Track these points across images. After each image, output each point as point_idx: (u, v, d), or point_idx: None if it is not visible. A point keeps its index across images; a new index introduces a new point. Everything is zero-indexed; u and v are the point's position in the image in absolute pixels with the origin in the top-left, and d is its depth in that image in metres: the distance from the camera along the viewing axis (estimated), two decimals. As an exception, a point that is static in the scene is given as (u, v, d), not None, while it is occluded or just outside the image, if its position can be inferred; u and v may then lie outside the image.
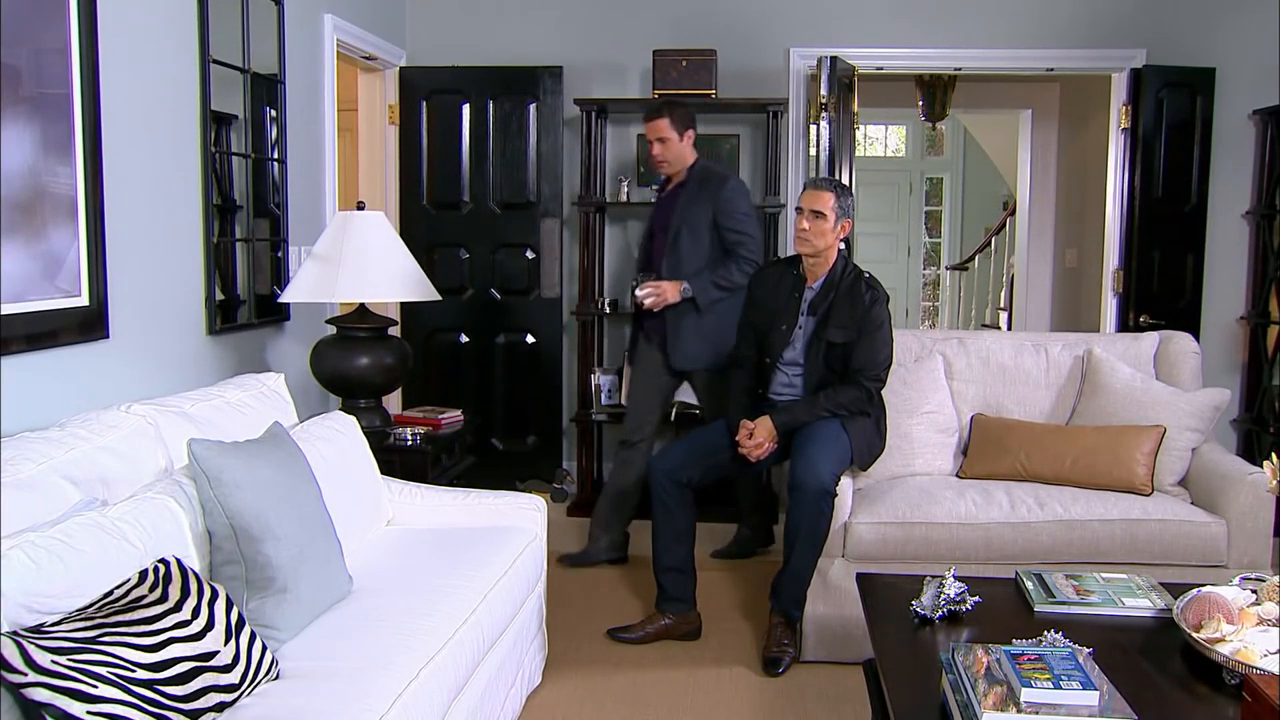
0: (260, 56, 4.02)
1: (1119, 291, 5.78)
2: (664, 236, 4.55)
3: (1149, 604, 2.81)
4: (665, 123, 4.44)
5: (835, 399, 3.81)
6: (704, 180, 4.51)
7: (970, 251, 10.87)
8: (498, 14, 5.76)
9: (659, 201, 4.74)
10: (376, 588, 2.91)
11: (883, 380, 3.89)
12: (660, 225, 4.61)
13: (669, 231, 4.52)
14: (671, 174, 4.60)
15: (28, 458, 2.38)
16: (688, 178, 4.55)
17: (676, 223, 4.51)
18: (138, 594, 2.17)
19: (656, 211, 4.71)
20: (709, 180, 4.52)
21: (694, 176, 4.53)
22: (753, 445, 3.82)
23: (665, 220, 4.57)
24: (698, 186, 4.51)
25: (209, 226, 3.68)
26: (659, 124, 4.45)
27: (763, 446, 3.83)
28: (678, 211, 4.51)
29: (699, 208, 4.47)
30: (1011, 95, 7.93)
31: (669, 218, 4.55)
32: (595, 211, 5.62)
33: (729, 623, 4.13)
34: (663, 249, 4.55)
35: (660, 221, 4.62)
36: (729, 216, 4.48)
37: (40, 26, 2.81)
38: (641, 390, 4.73)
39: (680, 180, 4.58)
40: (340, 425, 3.46)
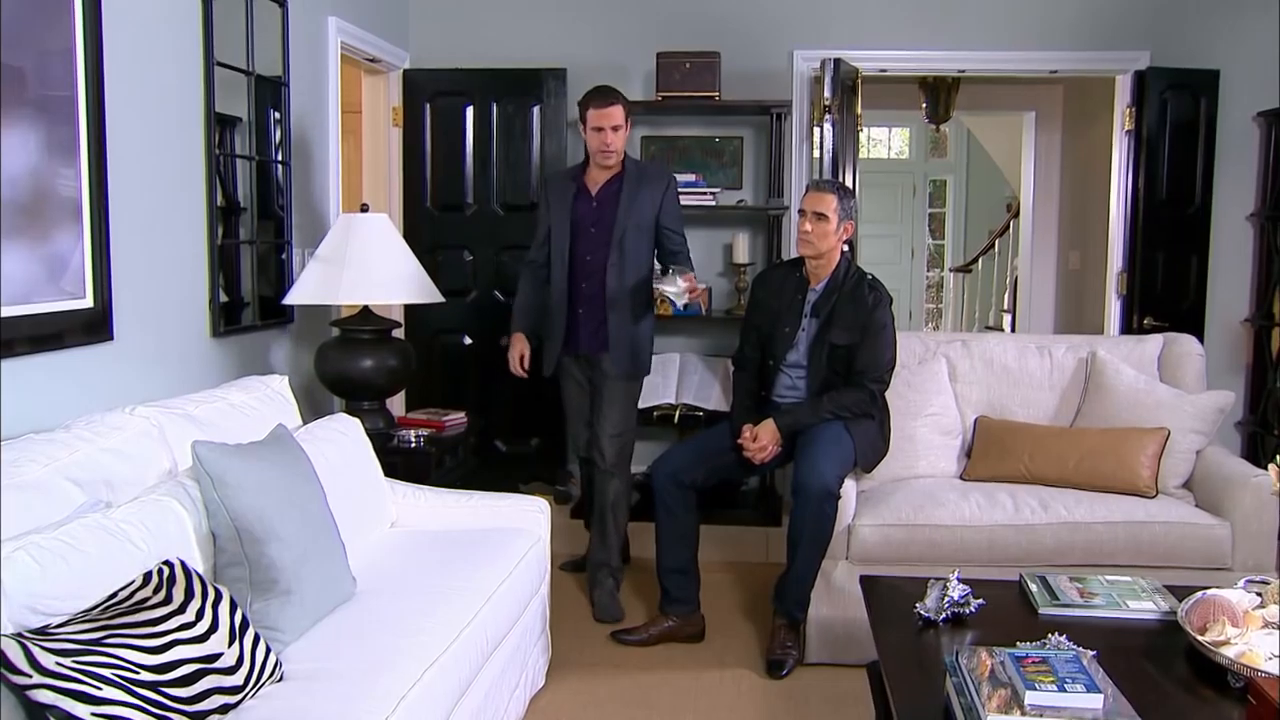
0: (264, 59, 4.02)
1: (1123, 293, 5.77)
2: (600, 235, 4.15)
3: (1153, 607, 2.81)
4: (620, 109, 4.08)
5: (839, 401, 3.81)
6: (642, 175, 4.21)
7: (974, 253, 10.87)
8: (501, 16, 5.76)
9: (584, 197, 4.21)
10: (380, 589, 2.91)
11: (886, 382, 3.90)
12: (591, 223, 4.17)
13: (614, 229, 4.12)
14: (610, 166, 4.16)
15: (33, 459, 2.38)
16: (624, 171, 4.18)
17: (623, 220, 4.12)
18: (142, 596, 2.17)
19: (580, 208, 4.20)
20: (648, 175, 4.24)
21: (630, 171, 4.18)
22: (756, 449, 3.82)
23: (600, 217, 4.16)
24: (637, 182, 4.16)
25: (213, 228, 3.68)
26: (615, 110, 4.07)
27: (766, 450, 3.83)
28: (622, 208, 4.13)
29: (644, 205, 4.14)
30: (1015, 97, 7.93)
31: (607, 214, 4.15)
32: (599, 213, 5.61)
33: (732, 625, 4.13)
34: (598, 248, 4.15)
35: (591, 219, 4.18)
36: (674, 218, 4.24)
37: (45, 29, 2.81)
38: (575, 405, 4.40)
39: (615, 174, 4.19)
40: (344, 427, 3.46)
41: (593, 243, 4.18)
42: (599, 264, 4.17)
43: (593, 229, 4.18)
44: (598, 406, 4.25)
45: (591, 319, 4.22)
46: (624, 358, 4.20)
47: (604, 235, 4.16)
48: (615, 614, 4.16)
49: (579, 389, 4.36)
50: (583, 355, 4.28)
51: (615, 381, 4.23)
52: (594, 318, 4.21)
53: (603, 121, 4.07)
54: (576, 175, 4.27)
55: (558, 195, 4.25)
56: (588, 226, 4.19)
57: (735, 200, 5.69)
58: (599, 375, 4.26)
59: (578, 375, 4.34)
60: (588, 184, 4.22)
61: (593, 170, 4.21)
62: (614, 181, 4.18)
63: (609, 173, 4.18)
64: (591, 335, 4.24)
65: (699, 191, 5.48)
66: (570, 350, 4.29)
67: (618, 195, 4.15)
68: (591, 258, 4.19)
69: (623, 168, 4.18)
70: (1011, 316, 8.87)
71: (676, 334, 5.83)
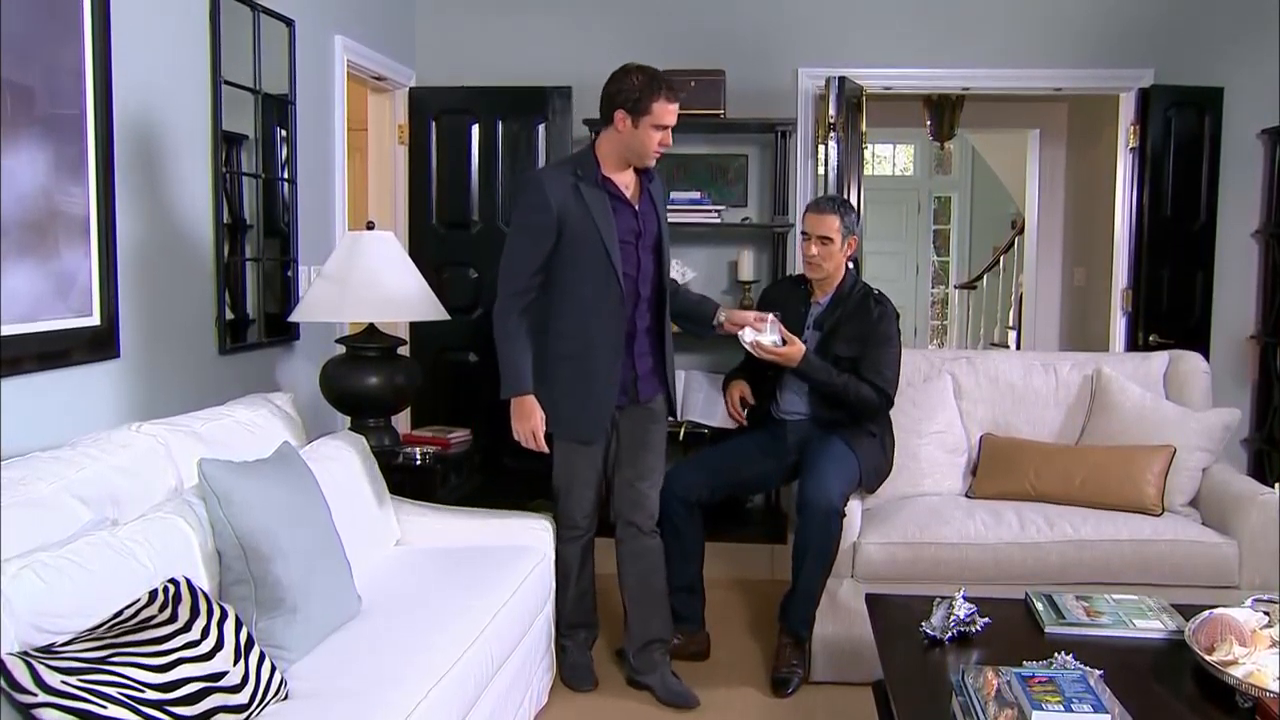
0: (271, 77, 4.04)
1: (1128, 310, 5.76)
2: (647, 251, 3.52)
3: (1160, 626, 2.80)
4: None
5: (857, 387, 3.79)
6: (653, 175, 3.62)
7: (978, 270, 10.87)
8: (507, 35, 5.78)
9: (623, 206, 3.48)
10: (385, 608, 2.91)
11: (892, 390, 3.87)
12: (636, 237, 3.49)
13: (661, 243, 3.57)
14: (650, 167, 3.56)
15: (39, 477, 2.39)
16: (646, 172, 3.57)
17: (657, 230, 3.56)
18: (147, 614, 2.17)
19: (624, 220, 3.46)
20: (655, 179, 3.63)
21: (649, 172, 3.58)
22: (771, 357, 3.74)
23: (645, 229, 3.52)
24: (656, 187, 3.62)
25: (219, 246, 3.69)
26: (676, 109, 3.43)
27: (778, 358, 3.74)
28: (658, 216, 3.57)
29: (663, 210, 3.64)
30: (1019, 115, 7.94)
31: (649, 225, 3.54)
32: (604, 231, 5.62)
33: (737, 642, 4.12)
34: (647, 268, 3.53)
35: (635, 232, 3.49)
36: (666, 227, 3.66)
37: (55, 48, 2.83)
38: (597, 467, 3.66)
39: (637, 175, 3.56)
40: (349, 445, 3.47)
41: (642, 262, 3.51)
42: (654, 288, 3.57)
43: (640, 245, 3.50)
44: (637, 459, 3.63)
45: (648, 357, 3.59)
46: (674, 394, 3.74)
47: (653, 251, 3.54)
48: (689, 697, 3.61)
49: (603, 448, 3.64)
50: (624, 407, 3.60)
51: (660, 427, 3.71)
52: (650, 355, 3.60)
53: (671, 119, 3.40)
54: (596, 177, 3.42)
55: (583, 203, 3.38)
56: (635, 242, 3.49)
57: (740, 218, 5.70)
58: (642, 423, 3.65)
59: (609, 431, 3.63)
60: (620, 187, 3.47)
61: (618, 170, 3.47)
62: (644, 187, 3.56)
63: (629, 175, 3.51)
64: (649, 376, 3.62)
65: (704, 209, 5.49)
66: (622, 404, 3.57)
67: (652, 203, 3.56)
68: (643, 281, 3.52)
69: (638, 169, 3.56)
70: (1016, 333, 8.87)
71: (680, 351, 5.80)
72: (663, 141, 3.39)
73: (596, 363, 3.44)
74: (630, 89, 3.32)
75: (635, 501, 3.62)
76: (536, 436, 3.47)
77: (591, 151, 3.46)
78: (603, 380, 3.46)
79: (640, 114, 3.32)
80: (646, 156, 3.43)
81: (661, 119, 3.35)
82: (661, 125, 3.36)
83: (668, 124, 3.37)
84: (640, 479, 3.62)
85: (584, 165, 3.44)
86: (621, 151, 3.42)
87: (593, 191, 3.39)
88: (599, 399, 3.47)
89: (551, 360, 3.45)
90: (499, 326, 3.45)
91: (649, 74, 3.34)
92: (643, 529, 3.63)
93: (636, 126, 3.35)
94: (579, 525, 3.66)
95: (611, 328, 3.43)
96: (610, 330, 3.43)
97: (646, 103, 3.31)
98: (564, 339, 3.44)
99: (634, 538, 3.63)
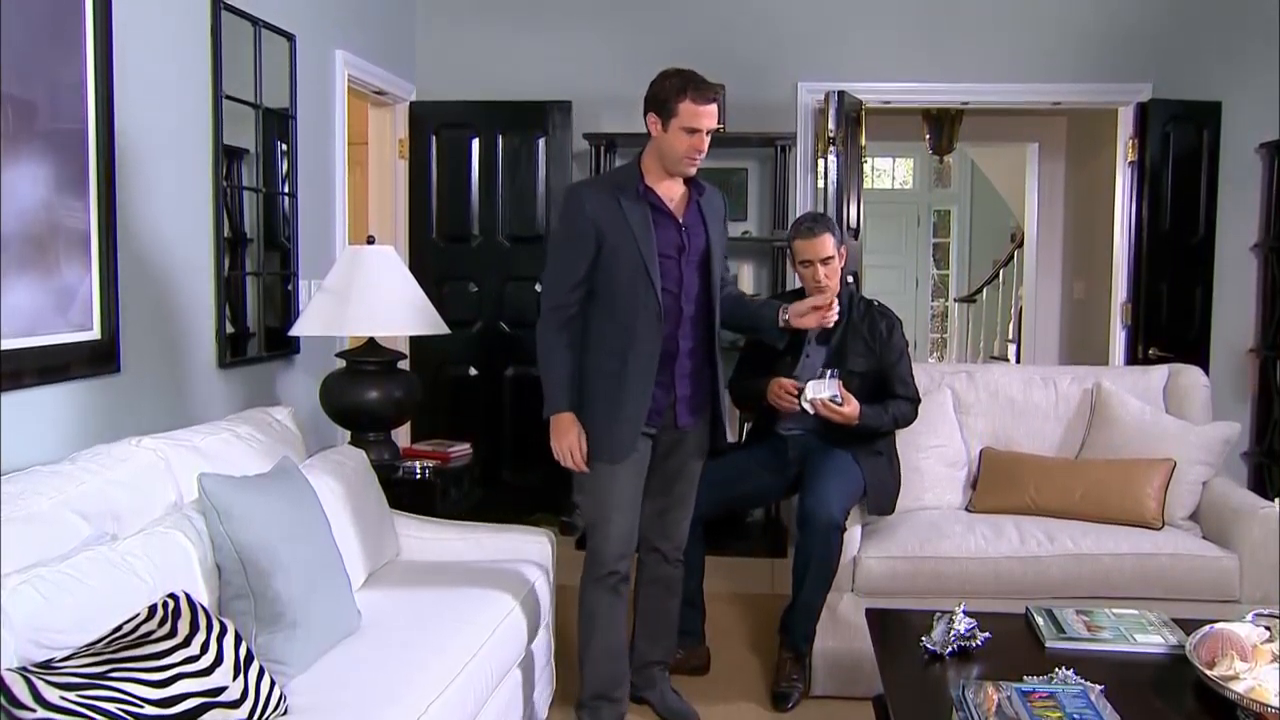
0: (272, 91, 4.06)
1: (1128, 323, 5.77)
2: (693, 267, 3.29)
3: (1161, 640, 2.79)
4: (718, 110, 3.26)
5: (900, 409, 3.85)
6: (709, 192, 3.39)
7: (978, 283, 10.89)
8: (507, 49, 5.80)
9: (665, 218, 3.25)
10: (385, 622, 2.90)
11: (919, 399, 3.93)
12: (679, 251, 3.26)
13: (711, 259, 3.31)
14: (690, 175, 3.30)
15: (39, 491, 2.39)
16: (696, 185, 3.33)
17: (706, 245, 3.31)
18: (146, 629, 2.16)
19: (665, 233, 3.24)
20: (711, 192, 3.41)
21: (700, 185, 3.35)
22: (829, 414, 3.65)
23: (690, 243, 3.28)
24: (709, 200, 3.37)
25: (220, 260, 3.70)
26: (716, 109, 3.22)
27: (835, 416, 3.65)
28: (712, 229, 3.33)
29: (717, 228, 3.37)
30: (1018, 129, 7.96)
31: (697, 239, 3.30)
32: (604, 244, 5.63)
33: (737, 657, 4.11)
34: (693, 285, 3.28)
35: (678, 246, 3.26)
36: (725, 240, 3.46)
37: (57, 63, 2.84)
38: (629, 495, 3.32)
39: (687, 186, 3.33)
40: (349, 459, 3.46)
41: (685, 277, 3.27)
42: (700, 307, 3.31)
43: (684, 260, 3.27)
44: (671, 488, 3.44)
45: (688, 380, 3.34)
46: (724, 427, 3.48)
47: (699, 267, 3.30)
48: (689, 713, 3.54)
49: (638, 475, 3.34)
50: (660, 432, 3.35)
51: (697, 461, 3.48)
52: (691, 378, 3.34)
53: (703, 121, 3.16)
54: (639, 188, 3.22)
55: (621, 215, 3.19)
56: (678, 257, 3.26)
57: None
58: (679, 453, 3.42)
59: (641, 451, 3.31)
60: (663, 199, 3.26)
61: (663, 180, 3.27)
62: (693, 198, 3.32)
63: (676, 185, 3.30)
64: (689, 401, 3.35)
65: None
66: (656, 426, 3.32)
67: (701, 216, 3.31)
68: (686, 298, 3.28)
69: (690, 179, 3.33)
70: (1016, 346, 8.88)
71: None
72: (695, 146, 3.16)
73: (630, 380, 3.21)
74: (660, 91, 3.18)
75: (663, 531, 3.48)
76: (574, 455, 3.24)
77: (637, 162, 3.29)
78: (635, 398, 3.22)
79: (668, 116, 3.15)
80: (678, 162, 3.20)
81: (689, 121, 3.13)
82: (691, 128, 3.14)
83: (698, 127, 3.14)
84: (671, 509, 3.46)
85: (626, 176, 3.28)
86: (659, 159, 3.23)
87: (632, 203, 3.20)
88: (630, 417, 3.23)
89: (591, 377, 3.25)
90: (539, 342, 3.28)
91: (681, 75, 3.19)
92: (668, 557, 3.51)
93: (666, 130, 3.17)
94: (607, 563, 3.30)
95: (647, 344, 3.21)
96: (645, 347, 3.21)
97: (674, 104, 3.14)
98: (602, 355, 3.24)
99: (657, 564, 3.51)
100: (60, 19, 2.85)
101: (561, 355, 3.23)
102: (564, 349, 3.23)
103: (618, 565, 3.30)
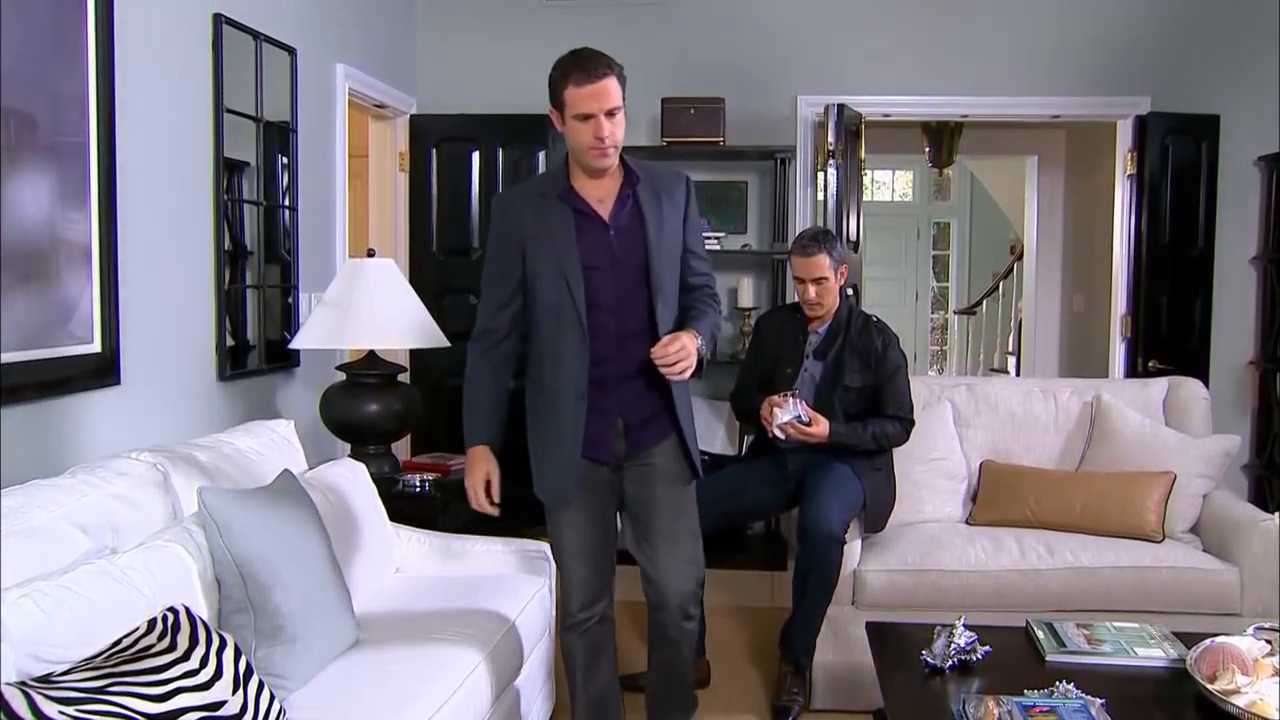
0: (273, 105, 4.06)
1: (1127, 336, 5.78)
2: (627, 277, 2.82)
3: (1162, 654, 2.79)
4: (615, 83, 2.72)
5: (882, 429, 3.82)
6: (654, 179, 2.88)
7: (978, 296, 10.90)
8: (507, 62, 5.81)
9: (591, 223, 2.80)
10: (385, 636, 2.89)
11: (912, 420, 3.90)
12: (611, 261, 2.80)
13: (651, 268, 2.81)
14: (605, 170, 2.81)
15: (39, 505, 2.38)
16: (629, 176, 2.84)
17: (656, 252, 2.82)
18: (146, 643, 2.16)
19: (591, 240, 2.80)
20: (660, 178, 2.90)
21: (638, 175, 2.84)
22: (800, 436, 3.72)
23: (624, 250, 2.81)
24: (653, 191, 2.85)
25: (220, 273, 3.70)
26: (608, 85, 2.70)
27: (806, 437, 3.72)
28: (652, 233, 2.81)
29: (671, 224, 2.87)
30: (1017, 141, 7.98)
31: (633, 245, 2.81)
32: (604, 257, 5.63)
33: (737, 671, 4.10)
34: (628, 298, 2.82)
35: (608, 255, 2.80)
36: (698, 237, 3.02)
37: (60, 76, 2.85)
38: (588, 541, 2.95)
39: (617, 182, 2.85)
40: (349, 472, 3.46)
41: (621, 291, 2.82)
42: (643, 321, 2.84)
43: (614, 270, 2.81)
44: (650, 531, 2.93)
45: (642, 404, 2.88)
46: (692, 446, 2.96)
47: (633, 277, 2.82)
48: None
49: (597, 518, 2.95)
50: (620, 465, 2.93)
51: (672, 485, 2.94)
52: (645, 401, 2.88)
53: (592, 104, 2.68)
54: (562, 191, 2.81)
55: (539, 223, 2.81)
56: (606, 267, 2.81)
57: (740, 244, 5.72)
58: (645, 484, 2.93)
59: (595, 487, 2.92)
60: (588, 201, 2.82)
61: (583, 181, 2.82)
62: (624, 194, 2.83)
63: (607, 181, 2.83)
64: (646, 426, 2.91)
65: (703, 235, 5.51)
66: (606, 460, 2.91)
67: (639, 214, 2.82)
68: (625, 314, 2.83)
69: (625, 170, 2.84)
70: (1016, 358, 8.88)
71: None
72: (595, 134, 2.68)
73: (560, 415, 2.84)
74: (550, 83, 2.76)
75: (653, 577, 2.93)
76: (477, 495, 2.89)
77: (566, 159, 2.87)
78: (567, 437, 2.84)
79: (561, 108, 2.74)
80: (584, 155, 2.74)
81: (577, 106, 2.68)
82: (583, 114, 2.68)
83: (589, 111, 2.67)
84: (656, 550, 2.92)
85: (554, 178, 2.88)
86: (575, 155, 2.81)
87: (554, 207, 2.80)
88: (562, 459, 2.86)
89: (528, 410, 2.95)
90: (466, 368, 2.98)
91: (566, 59, 2.76)
92: (665, 612, 2.94)
93: (565, 123, 2.75)
94: (572, 610, 2.99)
95: (573, 372, 2.81)
96: (571, 376, 2.81)
97: (561, 93, 2.72)
98: (533, 384, 2.92)
99: (657, 623, 2.99)
100: (62, 32, 2.86)
101: (481, 383, 2.95)
102: (485, 376, 2.94)
103: (584, 614, 2.98)
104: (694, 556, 2.96)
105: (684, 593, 2.93)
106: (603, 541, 2.96)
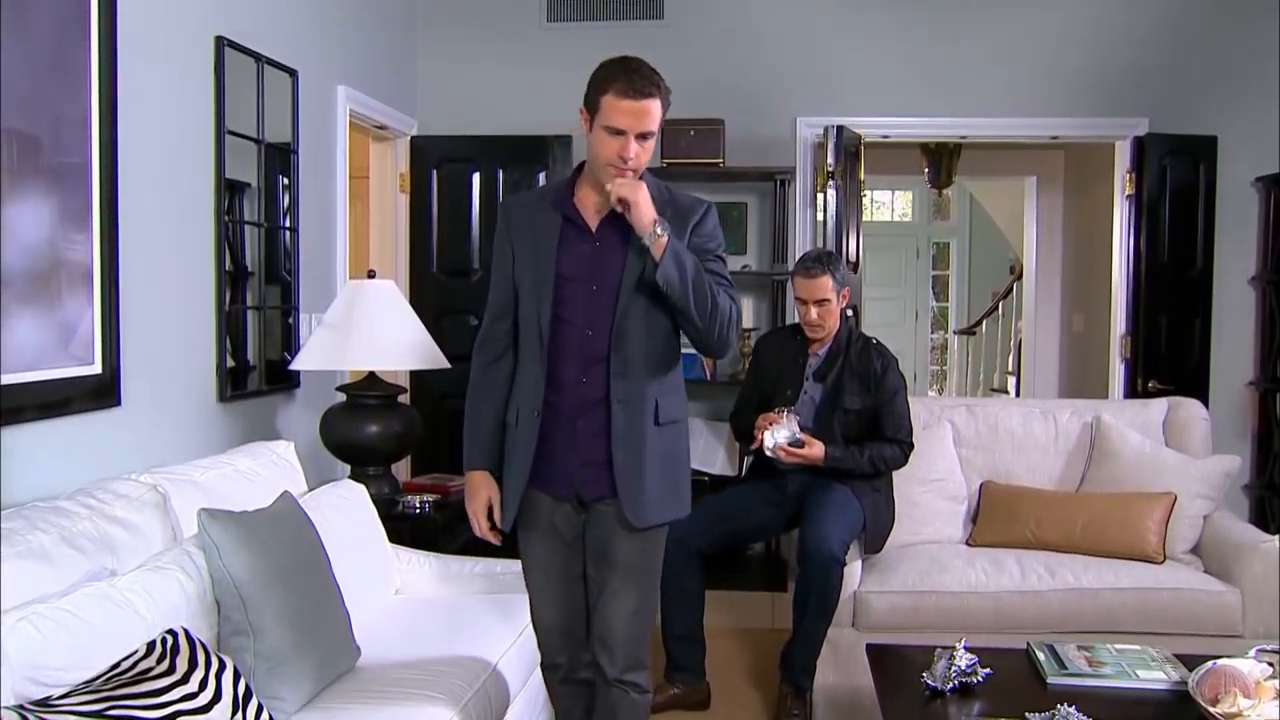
0: (274, 126, 4.07)
1: (1127, 356, 5.78)
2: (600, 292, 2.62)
3: (1163, 677, 2.78)
4: (659, 106, 2.58)
5: (880, 453, 3.82)
6: (675, 203, 2.68)
7: (977, 316, 10.91)
8: (508, 84, 5.83)
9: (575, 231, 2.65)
10: (384, 658, 2.89)
11: (911, 444, 3.91)
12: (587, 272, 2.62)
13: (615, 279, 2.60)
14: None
15: (37, 527, 2.38)
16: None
17: (619, 272, 2.60)
18: (145, 666, 2.15)
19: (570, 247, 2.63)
20: (677, 205, 2.67)
21: (654, 192, 2.60)
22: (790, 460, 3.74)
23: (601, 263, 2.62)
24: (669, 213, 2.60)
25: (221, 294, 3.70)
26: (652, 106, 2.55)
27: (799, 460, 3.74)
28: (633, 246, 2.57)
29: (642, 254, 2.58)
30: (1016, 162, 8.00)
31: (612, 259, 2.61)
32: (604, 278, 5.64)
33: (738, 692, 4.09)
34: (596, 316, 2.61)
35: (585, 266, 2.63)
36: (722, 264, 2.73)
37: (61, 98, 2.86)
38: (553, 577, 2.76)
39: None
40: (349, 493, 3.46)
41: (588, 307, 2.62)
42: (602, 348, 2.61)
43: (589, 284, 2.62)
44: (601, 576, 2.69)
45: (600, 440, 2.63)
46: (654, 499, 2.64)
47: (608, 295, 2.61)
48: None
49: (558, 546, 2.73)
50: (582, 504, 2.69)
51: (621, 542, 2.66)
52: (604, 437, 2.62)
53: (627, 121, 2.51)
54: (560, 196, 2.68)
55: (529, 227, 2.68)
56: (582, 280, 2.63)
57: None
58: (599, 531, 2.68)
59: (558, 523, 2.71)
60: (586, 210, 2.66)
61: (589, 190, 2.66)
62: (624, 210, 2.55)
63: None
64: (598, 468, 2.64)
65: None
66: (565, 496, 2.69)
67: (630, 229, 2.55)
68: (596, 335, 2.62)
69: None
70: (1016, 379, 8.88)
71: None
72: (619, 153, 2.50)
73: (520, 431, 2.68)
74: (592, 80, 2.59)
75: (600, 634, 2.67)
76: (479, 522, 2.77)
77: (579, 167, 2.74)
78: (519, 455, 2.67)
79: (594, 111, 2.55)
80: (599, 170, 2.57)
81: (609, 118, 2.50)
82: (613, 129, 2.50)
83: (619, 127, 2.50)
84: (604, 601, 2.67)
85: (561, 182, 2.75)
86: (590, 164, 2.65)
87: (547, 211, 2.66)
88: (513, 480, 2.69)
89: (507, 428, 2.76)
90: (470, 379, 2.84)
91: (615, 63, 2.58)
92: (607, 677, 2.68)
93: (592, 128, 2.57)
94: (543, 654, 2.85)
95: (532, 386, 2.65)
96: (530, 390, 2.65)
97: (598, 96, 2.53)
98: (511, 402, 2.75)
99: (602, 686, 2.71)
100: (64, 54, 2.87)
101: (482, 399, 2.78)
102: (486, 392, 2.77)
103: (552, 659, 2.83)
104: (639, 608, 2.67)
105: (628, 647, 2.66)
106: (565, 585, 2.74)
